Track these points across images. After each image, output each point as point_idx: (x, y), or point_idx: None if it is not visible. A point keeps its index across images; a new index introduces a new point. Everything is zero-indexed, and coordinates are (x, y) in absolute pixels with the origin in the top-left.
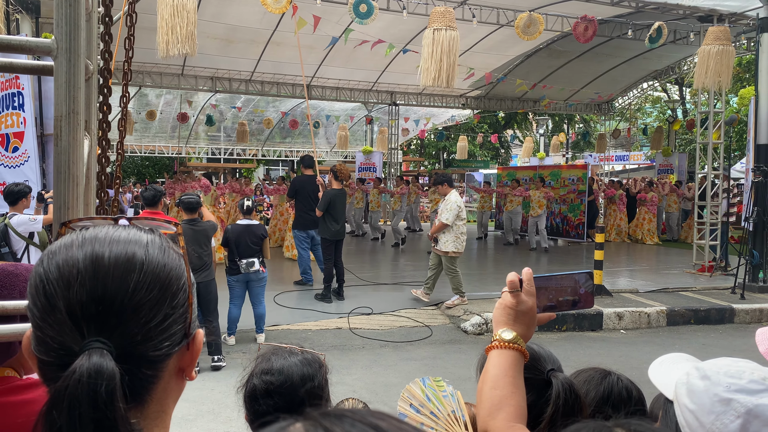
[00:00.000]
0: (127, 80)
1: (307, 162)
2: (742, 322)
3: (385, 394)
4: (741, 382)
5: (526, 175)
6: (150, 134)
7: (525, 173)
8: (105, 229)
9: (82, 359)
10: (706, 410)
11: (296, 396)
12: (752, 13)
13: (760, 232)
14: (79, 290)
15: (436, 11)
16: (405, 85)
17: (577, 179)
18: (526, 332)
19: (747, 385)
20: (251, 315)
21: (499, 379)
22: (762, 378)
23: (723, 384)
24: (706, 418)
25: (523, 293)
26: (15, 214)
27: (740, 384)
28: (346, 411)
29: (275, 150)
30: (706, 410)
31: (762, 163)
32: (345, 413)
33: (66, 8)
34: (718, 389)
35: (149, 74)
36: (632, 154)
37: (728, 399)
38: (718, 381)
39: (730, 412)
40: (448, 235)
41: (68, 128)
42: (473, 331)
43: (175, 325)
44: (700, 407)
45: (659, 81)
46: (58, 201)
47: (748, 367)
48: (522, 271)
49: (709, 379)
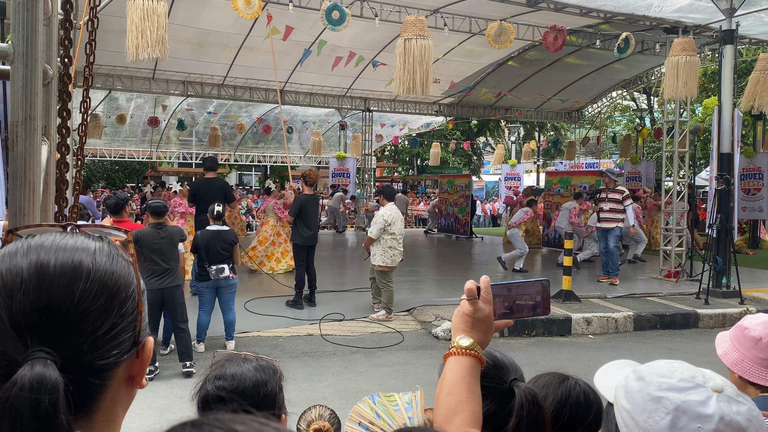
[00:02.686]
0: (88, 85)
1: (208, 164)
2: (706, 327)
3: (355, 401)
4: (671, 381)
5: (587, 182)
6: (120, 138)
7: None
8: (52, 236)
9: (25, 369)
10: (639, 409)
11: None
12: (715, 25)
13: (724, 238)
14: (22, 299)
15: (408, 20)
16: (378, 91)
17: (590, 186)
18: (483, 339)
19: (677, 383)
20: (221, 322)
21: (455, 385)
22: (691, 376)
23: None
24: (639, 416)
25: (481, 301)
26: None
27: (670, 383)
28: (208, 419)
29: (248, 155)
30: (640, 409)
31: (724, 171)
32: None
33: (23, 13)
34: (650, 388)
35: (119, 78)
36: (602, 161)
37: (659, 397)
38: (650, 381)
39: (661, 409)
40: (376, 249)
41: (24, 134)
42: (444, 337)
43: (124, 333)
44: (634, 407)
45: (628, 90)
46: (14, 207)
47: (679, 367)
48: (480, 279)
49: (643, 379)
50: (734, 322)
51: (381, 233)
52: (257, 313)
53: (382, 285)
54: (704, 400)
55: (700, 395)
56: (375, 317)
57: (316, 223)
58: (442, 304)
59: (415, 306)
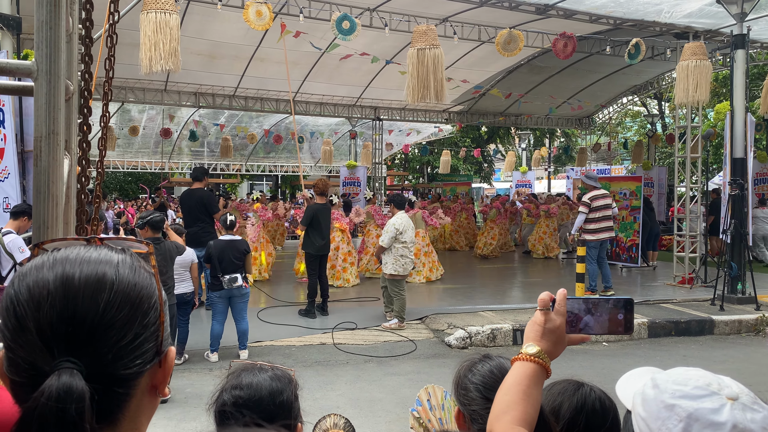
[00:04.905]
0: (108, 100)
1: (194, 174)
2: (721, 333)
3: (369, 410)
4: (686, 388)
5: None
6: (133, 150)
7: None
8: (76, 249)
9: (52, 379)
10: (653, 417)
11: (265, 410)
12: (726, 30)
13: (738, 244)
14: (49, 311)
15: (418, 30)
16: (389, 100)
17: (630, 193)
18: (552, 349)
19: (691, 391)
20: (234, 331)
21: (511, 387)
22: (706, 384)
23: (669, 391)
24: (654, 424)
25: (554, 312)
26: (10, 232)
27: (684, 390)
28: None
29: (259, 165)
30: (654, 417)
31: (738, 176)
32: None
33: (47, 31)
34: (664, 396)
35: (132, 90)
36: (613, 167)
37: (672, 405)
38: (665, 389)
39: (674, 417)
40: (387, 257)
41: (48, 148)
42: (457, 345)
43: (147, 343)
44: (649, 414)
45: (639, 96)
46: (38, 220)
47: (695, 375)
48: (557, 292)
49: (658, 387)
50: (750, 328)
51: (392, 242)
52: (270, 323)
53: (394, 293)
54: (718, 408)
55: (713, 403)
56: (387, 326)
57: (329, 232)
58: (454, 313)
59: (427, 314)
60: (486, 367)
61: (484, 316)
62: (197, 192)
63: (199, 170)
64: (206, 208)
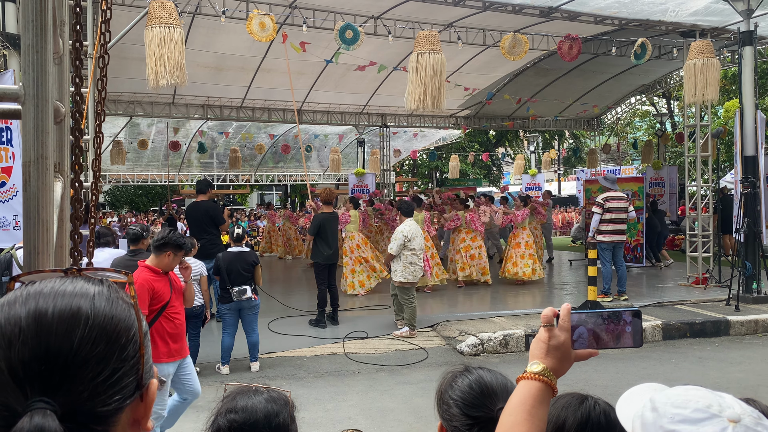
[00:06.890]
0: (101, 121)
1: (198, 187)
2: (737, 334)
3: (381, 420)
4: (685, 412)
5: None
6: (142, 163)
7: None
8: (51, 282)
9: (24, 421)
10: None
11: None
12: (733, 27)
13: (752, 242)
14: (21, 349)
15: (421, 35)
16: (395, 107)
17: (632, 194)
18: (558, 366)
19: (690, 414)
20: (245, 343)
21: (516, 407)
22: (707, 406)
23: (668, 415)
24: None
25: (558, 328)
26: None
27: (684, 414)
28: None
29: (268, 175)
30: None
31: (749, 174)
32: None
33: (33, 54)
34: (663, 421)
35: (140, 104)
36: (624, 168)
37: (671, 430)
38: (664, 412)
39: None
40: (396, 265)
41: (37, 173)
42: (469, 352)
43: (126, 377)
44: None
45: (647, 95)
46: (28, 246)
47: (695, 396)
48: (561, 307)
49: (657, 410)
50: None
51: (401, 249)
52: (281, 333)
53: (404, 301)
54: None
55: (714, 427)
56: (398, 334)
57: (336, 241)
58: (466, 319)
59: (438, 321)
60: (465, 382)
61: (495, 322)
62: (202, 204)
63: (202, 183)
64: (213, 220)
